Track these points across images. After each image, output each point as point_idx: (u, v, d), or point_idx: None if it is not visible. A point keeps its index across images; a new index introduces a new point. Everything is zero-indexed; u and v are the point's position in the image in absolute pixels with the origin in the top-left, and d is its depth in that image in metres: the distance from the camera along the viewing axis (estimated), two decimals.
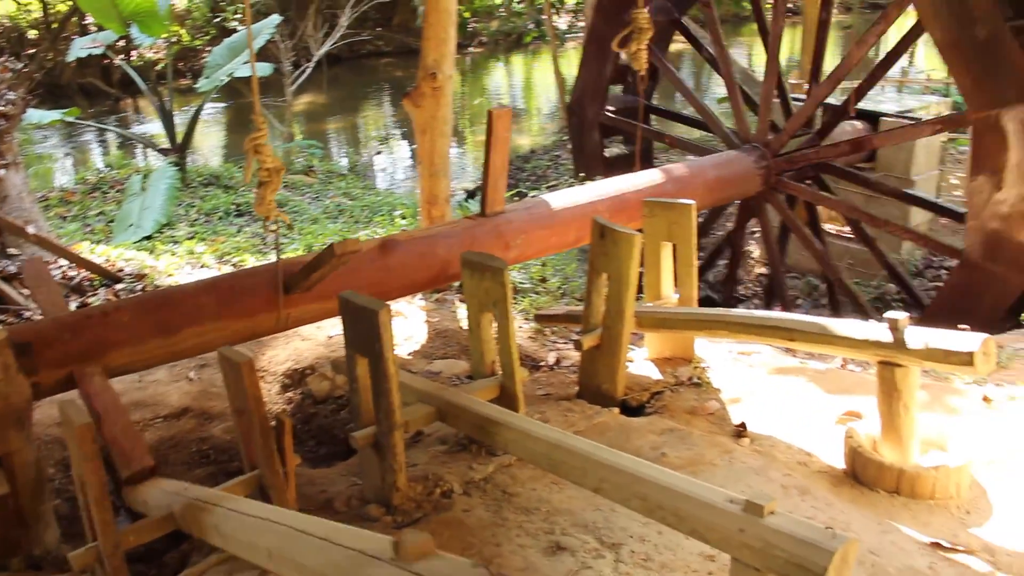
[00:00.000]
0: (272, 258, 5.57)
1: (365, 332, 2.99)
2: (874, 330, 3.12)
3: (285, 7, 14.94)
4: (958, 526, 2.96)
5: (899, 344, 3.02)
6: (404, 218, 7.92)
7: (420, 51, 5.45)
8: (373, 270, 4.07)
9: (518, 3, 20.25)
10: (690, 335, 4.28)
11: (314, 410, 4.54)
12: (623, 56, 7.93)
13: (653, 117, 8.93)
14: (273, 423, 2.93)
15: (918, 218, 8.07)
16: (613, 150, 8.65)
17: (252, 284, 3.77)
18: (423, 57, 5.41)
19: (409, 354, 4.95)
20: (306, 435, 4.42)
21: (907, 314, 3.06)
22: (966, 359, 2.87)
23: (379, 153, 15.61)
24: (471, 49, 24.34)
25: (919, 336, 2.99)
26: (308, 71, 12.08)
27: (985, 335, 2.93)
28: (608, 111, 8.07)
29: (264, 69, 10.31)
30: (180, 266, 6.40)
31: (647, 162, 8.48)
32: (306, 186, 10.25)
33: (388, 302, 3.09)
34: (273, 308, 3.75)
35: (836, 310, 6.94)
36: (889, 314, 3.05)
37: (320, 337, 5.02)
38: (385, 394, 3.00)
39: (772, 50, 6.69)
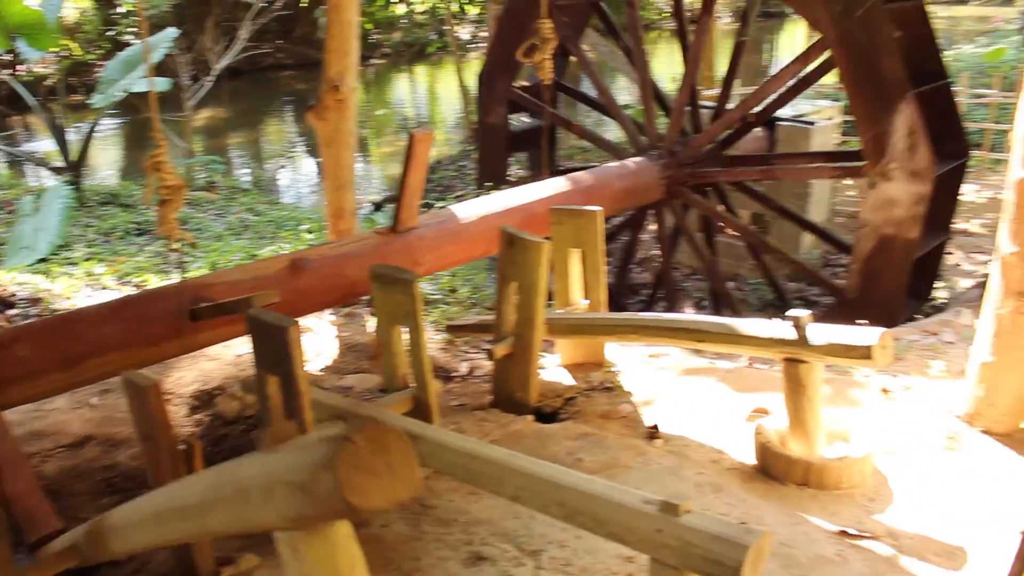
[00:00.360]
0: (177, 278, 5.43)
1: (274, 350, 2.93)
2: (779, 329, 3.22)
3: (182, 20, 14.62)
4: (863, 513, 3.07)
5: (802, 341, 3.11)
6: (311, 232, 7.81)
7: (322, 63, 5.39)
8: (283, 292, 4.01)
9: (420, 14, 20.22)
10: (601, 340, 4.34)
11: (224, 431, 4.43)
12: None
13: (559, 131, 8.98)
14: (182, 447, 2.85)
15: (814, 217, 8.33)
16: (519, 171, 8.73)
17: (157, 310, 3.67)
18: (326, 69, 5.35)
19: (320, 370, 4.88)
20: (217, 457, 4.31)
21: (809, 312, 3.16)
22: (865, 353, 2.98)
23: (283, 167, 15.37)
24: (374, 61, 24.19)
25: (821, 332, 3.09)
26: (208, 85, 11.83)
27: (882, 329, 3.04)
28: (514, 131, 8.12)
29: (162, 83, 10.02)
30: (78, 289, 6.18)
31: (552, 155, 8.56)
32: (208, 202, 10.01)
33: (297, 318, 3.05)
34: (179, 334, 3.65)
35: (736, 311, 7.11)
36: (792, 312, 3.15)
37: (228, 356, 4.91)
38: (297, 413, 2.94)
39: (691, 60, 6.81)
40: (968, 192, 8.81)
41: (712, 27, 12.45)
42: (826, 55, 6.04)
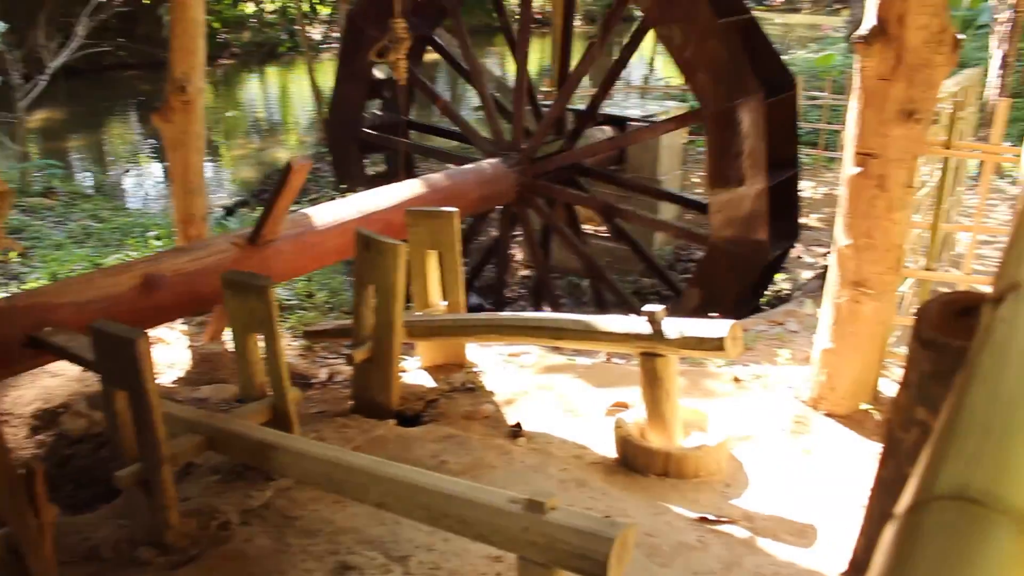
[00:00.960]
0: (12, 289, 5.10)
1: (122, 364, 2.80)
2: (634, 324, 3.29)
3: (9, 14, 13.73)
4: (721, 499, 3.18)
5: (658, 335, 3.20)
6: (159, 239, 7.48)
7: (168, 63, 5.18)
8: (134, 311, 3.83)
9: (270, 14, 19.72)
10: (461, 341, 4.33)
11: (70, 451, 4.19)
12: (378, 72, 7.95)
13: (412, 132, 8.98)
14: (22, 472, 2.67)
15: (666, 214, 8.60)
16: (376, 168, 8.64)
17: None
18: (171, 70, 5.14)
19: (172, 382, 4.68)
20: (63, 479, 4.07)
21: (663, 307, 3.24)
22: (717, 344, 3.09)
23: (128, 171, 14.67)
24: (222, 61, 23.42)
25: (675, 326, 3.19)
26: (42, 84, 11.15)
27: (732, 321, 3.16)
28: (367, 129, 8.03)
29: None
30: None
31: (409, 174, 8.54)
32: (47, 209, 9.44)
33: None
34: (11, 360, 3.44)
35: (601, 306, 7.27)
36: (647, 308, 3.23)
37: (72, 372, 4.64)
38: (149, 427, 2.81)
39: (520, 60, 6.93)
40: (806, 189, 9.29)
41: (561, 29, 12.69)
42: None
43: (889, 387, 3.88)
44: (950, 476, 0.59)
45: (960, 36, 3.35)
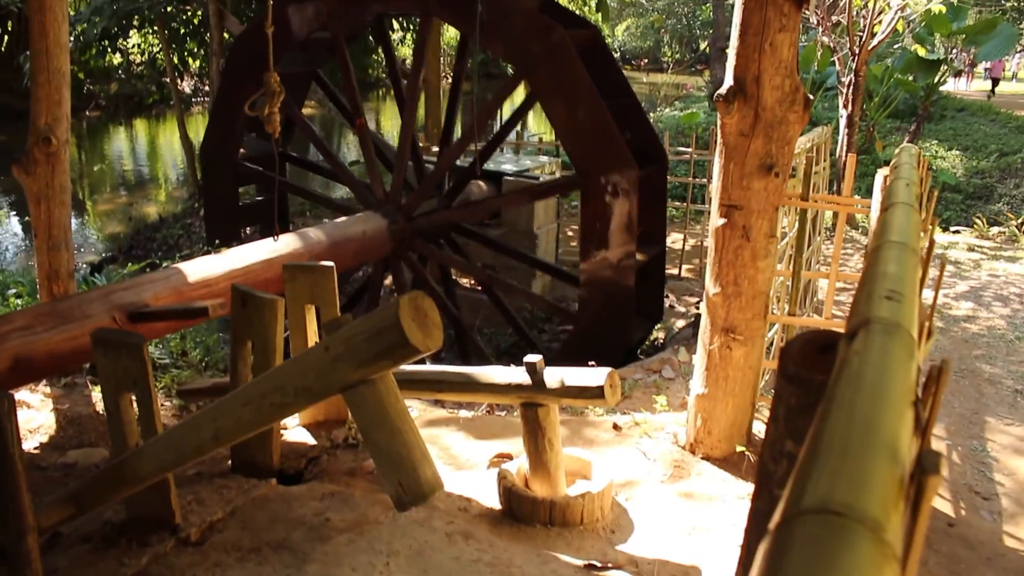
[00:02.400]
0: None
1: None
2: (515, 374, 3.34)
3: None
4: (606, 545, 3.23)
5: (539, 385, 3.25)
6: (20, 297, 7.13)
7: (30, 114, 5.00)
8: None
9: (138, 65, 19.26)
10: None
11: None
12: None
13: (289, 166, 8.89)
14: None
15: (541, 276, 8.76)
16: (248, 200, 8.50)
17: None
18: (34, 120, 4.97)
19: (37, 447, 4.44)
20: None
21: (540, 356, 3.30)
22: (597, 392, 3.16)
23: None
24: (88, 112, 22.70)
25: (555, 376, 3.25)
26: None
27: (608, 368, 3.25)
28: (243, 160, 7.91)
29: None
30: None
31: (283, 215, 8.47)
32: None
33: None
34: None
35: (467, 360, 7.29)
36: (528, 358, 3.28)
37: None
38: (13, 495, 2.67)
39: (407, 115, 6.99)
40: (676, 240, 9.65)
41: (436, 86, 12.90)
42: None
43: (762, 429, 4.05)
44: (814, 492, 0.65)
45: (810, 96, 3.59)
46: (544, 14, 6.21)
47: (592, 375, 3.21)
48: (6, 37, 20.82)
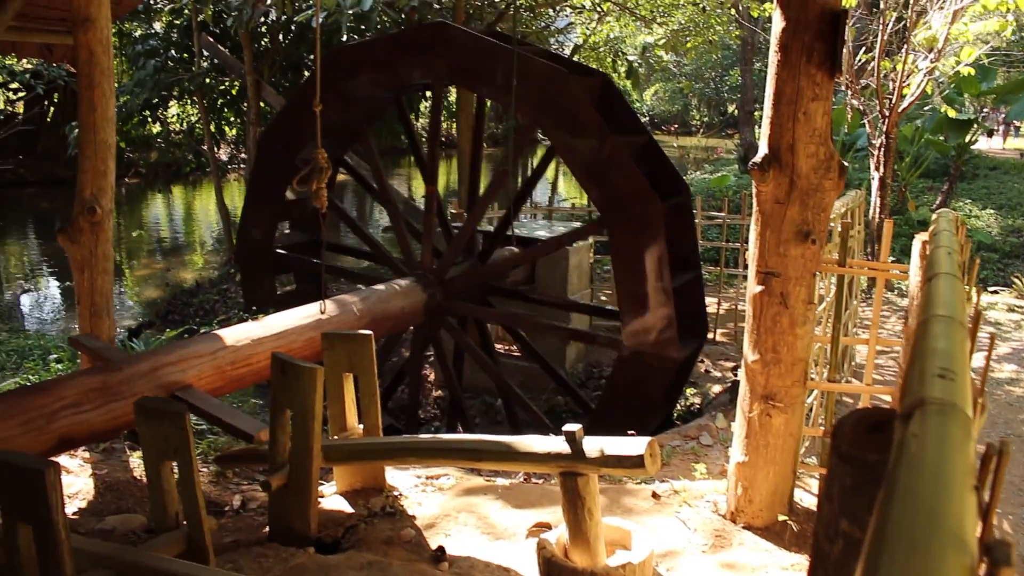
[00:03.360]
0: None
1: (27, 496, 2.68)
2: (554, 444, 3.32)
3: None
4: None
5: (578, 455, 3.23)
6: (60, 362, 7.24)
7: (76, 183, 5.14)
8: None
9: (177, 134, 19.74)
10: (379, 465, 4.29)
11: None
12: (289, 193, 8.03)
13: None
14: None
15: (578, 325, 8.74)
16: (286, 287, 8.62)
17: None
18: (80, 190, 5.09)
19: (75, 512, 4.47)
20: None
21: (580, 426, 3.29)
22: (637, 462, 3.13)
23: (26, 292, 14.23)
24: (128, 179, 23.20)
25: (594, 445, 3.23)
26: None
27: (648, 438, 3.22)
28: (279, 249, 8.05)
29: None
30: None
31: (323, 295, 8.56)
32: None
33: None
34: None
35: (515, 426, 7.27)
36: (567, 427, 3.26)
37: None
38: (56, 565, 2.68)
39: (430, 182, 7.11)
40: (710, 304, 9.61)
41: (467, 152, 13.07)
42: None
43: (804, 497, 3.98)
44: None
45: (845, 163, 3.61)
46: (552, 63, 6.34)
47: (632, 444, 3.18)
48: (52, 108, 21.44)
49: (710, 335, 9.07)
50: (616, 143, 5.92)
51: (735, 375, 7.79)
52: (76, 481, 4.79)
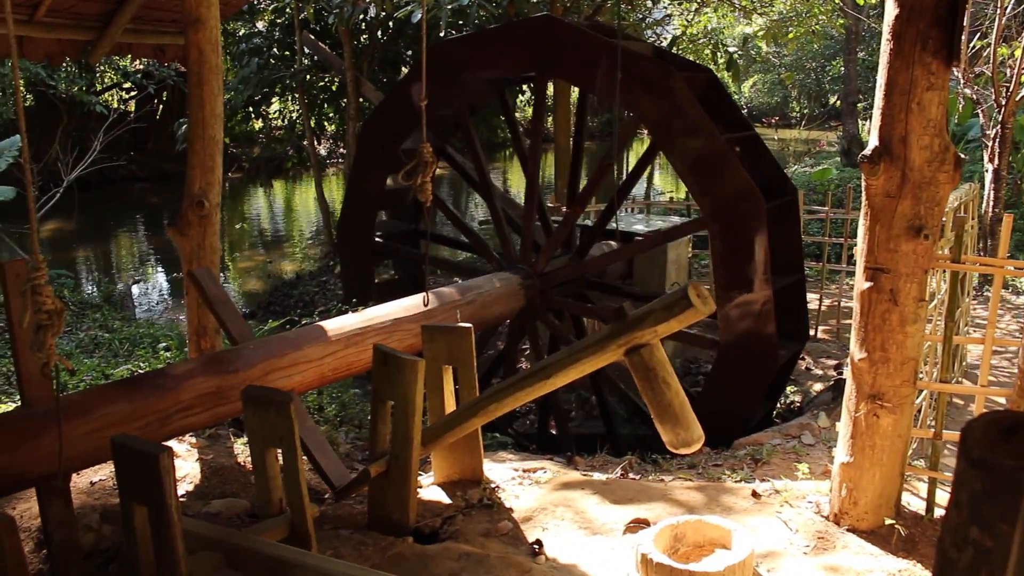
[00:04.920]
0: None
1: (143, 478, 2.79)
2: (607, 332, 3.27)
3: (30, 129, 14.11)
4: None
5: (633, 323, 3.18)
6: (169, 350, 7.52)
7: (185, 178, 5.31)
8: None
9: (278, 130, 20.27)
10: (478, 455, 4.31)
11: (79, 567, 4.11)
12: (390, 181, 8.14)
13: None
14: None
15: None
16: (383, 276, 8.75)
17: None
18: (189, 185, 5.27)
19: (183, 495, 4.63)
20: None
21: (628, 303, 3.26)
22: (685, 304, 3.02)
23: (137, 282, 14.83)
24: (231, 174, 23.96)
25: (642, 310, 3.19)
26: (56, 196, 11.39)
27: (689, 282, 3.13)
28: (378, 237, 8.17)
29: (6, 192, 9.63)
30: None
31: (421, 285, 8.65)
32: None
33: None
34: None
35: (607, 419, 7.22)
36: (615, 308, 3.23)
37: (82, 484, 4.60)
38: (168, 544, 2.79)
39: (531, 175, 7.10)
40: (812, 301, 9.37)
41: (565, 145, 13.04)
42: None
43: (911, 501, 3.85)
44: None
45: (961, 155, 3.46)
46: (659, 59, 6.25)
47: (675, 293, 3.09)
48: (162, 107, 22.25)
49: (811, 332, 8.86)
50: (721, 140, 5.82)
51: (837, 373, 7.57)
52: (184, 465, 4.96)
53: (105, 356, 7.72)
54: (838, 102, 31.27)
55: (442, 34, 11.41)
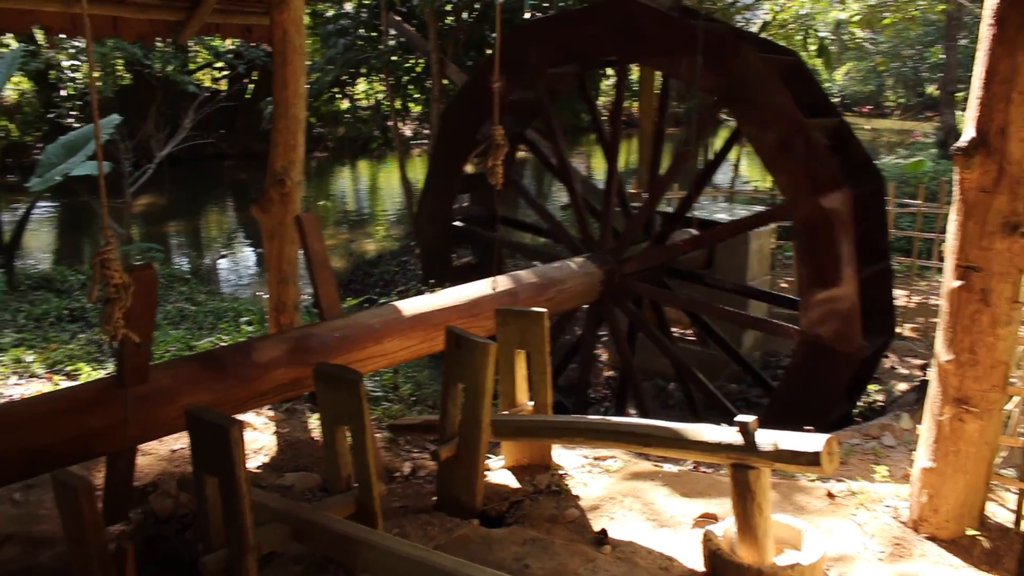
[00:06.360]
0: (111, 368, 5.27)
1: (215, 450, 2.84)
2: (726, 434, 3.21)
3: (125, 106, 14.56)
4: None
5: (750, 447, 3.11)
6: (251, 324, 7.69)
7: (268, 156, 5.39)
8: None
9: (364, 110, 20.50)
10: (547, 442, 4.29)
11: (156, 531, 4.23)
12: (469, 167, 8.15)
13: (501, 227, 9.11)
14: (113, 549, 2.71)
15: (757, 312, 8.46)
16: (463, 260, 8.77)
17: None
18: (271, 163, 5.35)
19: (258, 467, 4.73)
20: (148, 559, 4.10)
21: (755, 417, 3.16)
22: (813, 459, 2.98)
23: (223, 257, 15.21)
24: (316, 154, 24.34)
25: (768, 438, 3.10)
26: (149, 172, 11.73)
27: (827, 435, 3.06)
28: (457, 222, 8.18)
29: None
30: (6, 376, 5.94)
31: (499, 269, 8.64)
32: None
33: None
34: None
35: (692, 408, 7.11)
36: (739, 418, 3.15)
37: (163, 451, 4.74)
38: (237, 515, 2.84)
39: (610, 160, 7.02)
40: (899, 297, 9.09)
41: (650, 131, 12.88)
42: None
43: (997, 511, 3.69)
44: None
45: None
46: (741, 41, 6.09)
47: (809, 440, 3.03)
48: (251, 86, 22.71)
49: (898, 330, 8.59)
50: (805, 126, 5.65)
51: (923, 374, 7.32)
52: (260, 437, 5.06)
53: (190, 328, 7.93)
54: (935, 91, 30.19)
55: (527, 15, 11.35)
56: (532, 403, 4.24)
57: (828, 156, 5.65)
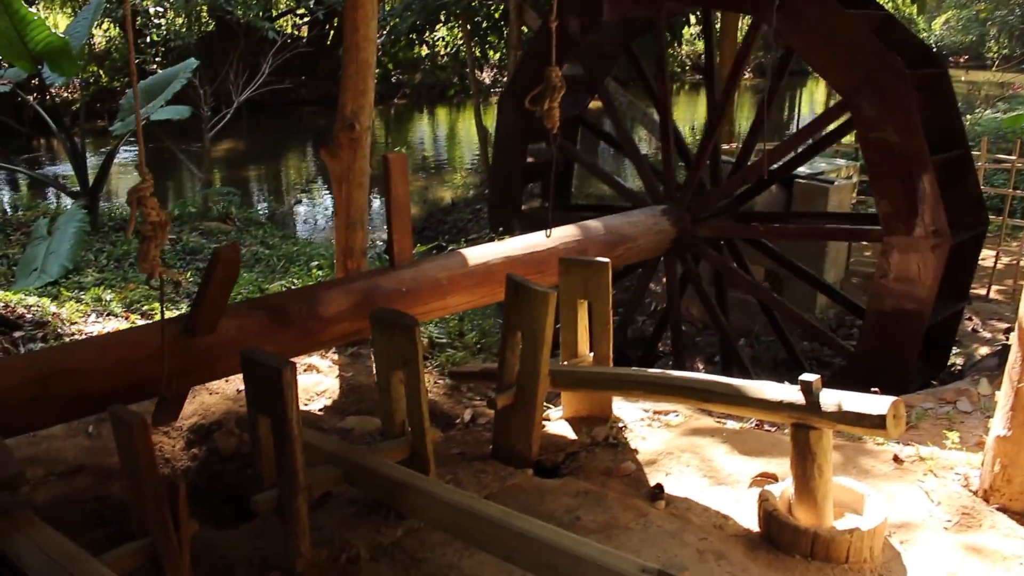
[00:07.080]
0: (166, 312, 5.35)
1: (268, 391, 2.86)
2: (788, 393, 3.11)
3: (207, 52, 14.73)
4: None
5: (812, 407, 3.01)
6: (321, 269, 7.77)
7: (338, 101, 5.38)
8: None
9: (442, 57, 20.39)
10: (607, 395, 4.23)
11: (220, 468, 4.34)
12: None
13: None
14: (168, 486, 2.76)
15: (830, 277, 8.22)
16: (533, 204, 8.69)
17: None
18: (341, 108, 5.33)
19: (321, 409, 4.79)
20: (210, 494, 4.21)
21: (819, 376, 3.05)
22: (878, 422, 2.87)
23: (299, 202, 15.42)
24: (395, 101, 24.38)
25: (832, 398, 2.99)
26: (228, 117, 11.88)
27: (894, 397, 2.94)
28: (531, 158, 8.07)
29: (182, 111, 10.08)
30: (86, 313, 6.12)
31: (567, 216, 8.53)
32: (223, 233, 10.00)
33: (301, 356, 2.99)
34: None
35: (728, 370, 6.96)
36: (803, 377, 3.04)
37: (229, 391, 4.83)
38: (288, 456, 2.86)
39: (717, 115, 6.77)
40: (987, 257, 8.70)
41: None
42: (844, 118, 6.05)
43: None
44: None
45: None
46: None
47: (874, 402, 2.92)
48: (332, 32, 22.79)
49: (984, 291, 8.24)
50: (929, 165, 5.35)
51: (1006, 338, 7.01)
52: (324, 380, 5.12)
53: (263, 271, 8.06)
54: None
55: None
56: (592, 354, 4.18)
57: (940, 207, 5.37)
